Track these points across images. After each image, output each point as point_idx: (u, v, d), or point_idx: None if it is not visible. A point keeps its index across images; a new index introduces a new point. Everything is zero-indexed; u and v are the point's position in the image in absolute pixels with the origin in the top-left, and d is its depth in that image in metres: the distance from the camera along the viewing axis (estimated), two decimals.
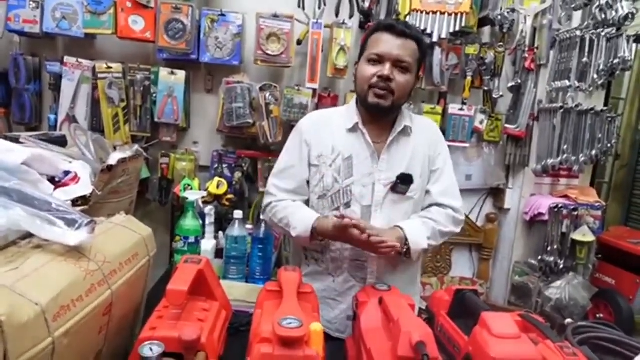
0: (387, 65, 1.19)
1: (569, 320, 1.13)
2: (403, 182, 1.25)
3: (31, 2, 1.85)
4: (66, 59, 1.93)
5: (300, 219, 1.25)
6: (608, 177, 3.16)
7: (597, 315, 2.20)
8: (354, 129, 1.29)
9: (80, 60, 1.94)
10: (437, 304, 1.10)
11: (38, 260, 0.72)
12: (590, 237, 2.15)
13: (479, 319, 0.86)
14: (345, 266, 1.28)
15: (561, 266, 2.17)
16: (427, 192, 1.33)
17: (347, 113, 1.33)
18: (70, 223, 0.78)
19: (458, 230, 1.34)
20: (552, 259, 2.18)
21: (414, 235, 1.22)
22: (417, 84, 1.35)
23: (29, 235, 0.78)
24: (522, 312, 1.00)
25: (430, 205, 1.33)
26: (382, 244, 1.13)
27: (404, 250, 1.21)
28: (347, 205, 1.27)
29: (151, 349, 0.73)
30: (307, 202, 1.34)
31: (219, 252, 1.57)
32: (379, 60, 1.21)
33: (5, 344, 0.57)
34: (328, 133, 1.30)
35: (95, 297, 0.76)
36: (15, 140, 1.21)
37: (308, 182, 1.33)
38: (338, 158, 1.27)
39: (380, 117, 1.28)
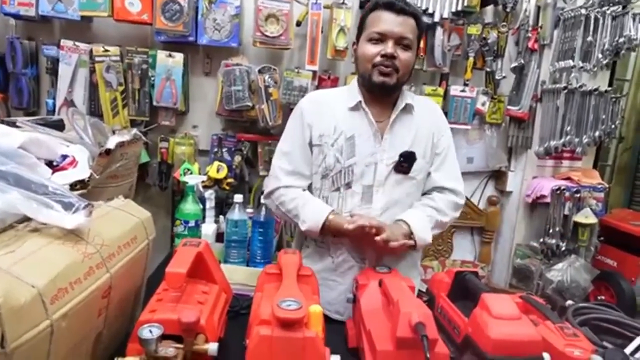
0: (390, 43, 1.19)
1: (569, 302, 1.13)
2: (406, 160, 1.24)
3: None
4: (63, 42, 1.90)
5: (310, 212, 1.25)
6: (611, 160, 3.13)
7: (599, 297, 2.20)
8: (356, 107, 1.27)
9: (77, 43, 1.91)
10: (437, 286, 1.10)
11: (35, 243, 0.72)
12: (592, 219, 2.14)
13: (478, 301, 0.86)
14: (344, 247, 1.28)
15: (563, 248, 2.17)
16: (429, 174, 1.33)
17: (349, 92, 1.31)
18: (67, 206, 0.78)
19: (458, 215, 1.35)
20: (553, 241, 2.17)
21: (420, 230, 1.24)
22: (417, 60, 1.35)
23: (26, 219, 0.78)
24: (523, 294, 1.00)
25: (432, 189, 1.33)
26: (392, 244, 1.17)
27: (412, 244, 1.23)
28: (348, 185, 1.26)
29: (150, 331, 0.74)
30: (310, 185, 1.33)
31: (219, 236, 1.58)
32: (380, 38, 1.20)
33: (2, 327, 0.56)
34: (329, 112, 1.29)
35: (93, 280, 0.76)
36: (12, 124, 1.21)
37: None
38: (340, 137, 1.26)
39: (382, 96, 1.27)
